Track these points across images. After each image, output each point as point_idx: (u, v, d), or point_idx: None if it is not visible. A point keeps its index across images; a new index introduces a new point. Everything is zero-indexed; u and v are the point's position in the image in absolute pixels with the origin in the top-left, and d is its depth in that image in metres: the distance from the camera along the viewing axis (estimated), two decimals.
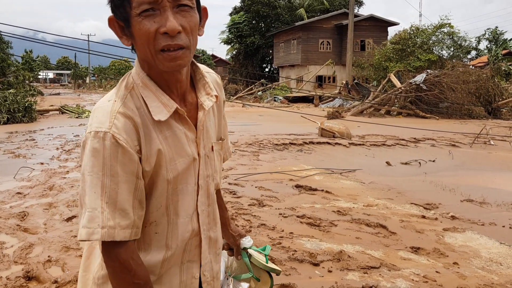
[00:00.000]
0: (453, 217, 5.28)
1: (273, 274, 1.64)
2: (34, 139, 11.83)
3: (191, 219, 1.27)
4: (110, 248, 1.14)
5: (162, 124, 1.19)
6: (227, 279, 1.63)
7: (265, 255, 1.66)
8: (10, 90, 17.68)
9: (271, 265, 1.64)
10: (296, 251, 4.03)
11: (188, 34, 1.15)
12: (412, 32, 30.56)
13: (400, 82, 22.91)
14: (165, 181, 1.19)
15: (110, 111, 1.15)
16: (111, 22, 1.20)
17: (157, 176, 1.19)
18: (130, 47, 1.23)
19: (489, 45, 46.86)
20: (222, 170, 1.55)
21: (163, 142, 1.19)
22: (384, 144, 11.40)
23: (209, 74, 1.37)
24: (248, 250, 1.65)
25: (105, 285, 1.25)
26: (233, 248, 1.67)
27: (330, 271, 3.65)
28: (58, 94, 42.58)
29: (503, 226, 5.00)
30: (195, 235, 1.29)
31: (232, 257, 1.69)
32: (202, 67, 1.37)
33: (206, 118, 1.30)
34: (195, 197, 1.27)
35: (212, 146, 1.33)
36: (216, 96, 1.31)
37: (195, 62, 1.32)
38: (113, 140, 1.11)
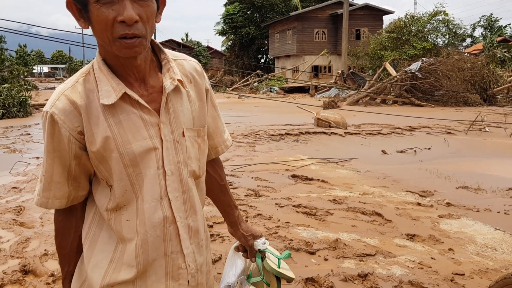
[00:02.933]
0: (448, 204, 5.31)
1: (283, 281, 1.56)
2: (29, 134, 11.79)
3: (160, 204, 1.25)
4: (55, 213, 1.34)
5: (114, 108, 1.21)
6: (241, 282, 1.59)
7: (279, 259, 1.58)
8: (5, 85, 17.55)
9: (282, 270, 1.55)
10: (292, 240, 4.05)
11: (144, 23, 1.17)
12: (407, 21, 30.53)
13: (396, 71, 22.91)
14: (121, 165, 1.21)
15: (58, 92, 1.24)
16: (69, 4, 1.20)
17: (110, 160, 1.22)
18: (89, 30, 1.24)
19: (484, 32, 46.87)
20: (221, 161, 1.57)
21: (114, 126, 1.20)
22: (379, 133, 11.42)
23: (187, 62, 1.37)
24: (266, 252, 1.57)
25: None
26: (247, 249, 1.61)
27: (326, 259, 3.67)
28: (53, 88, 42.38)
29: (498, 212, 5.03)
30: (170, 223, 1.27)
31: (249, 259, 1.62)
32: (180, 55, 1.37)
33: (175, 103, 1.29)
34: (161, 182, 1.25)
35: (184, 132, 1.31)
36: (179, 81, 1.29)
37: (161, 47, 1.33)
38: (51, 119, 1.20)
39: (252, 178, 6.63)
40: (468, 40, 45.43)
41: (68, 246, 1.32)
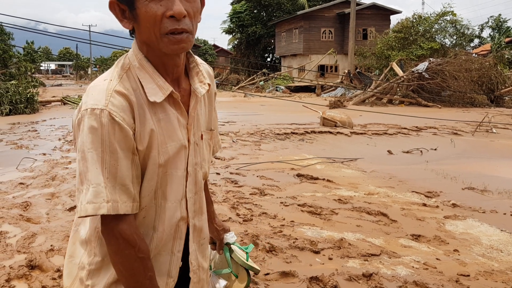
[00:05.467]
0: (454, 205, 5.29)
1: (251, 273, 1.64)
2: (36, 130, 11.85)
3: (180, 205, 1.28)
4: (113, 224, 1.15)
5: (156, 106, 1.20)
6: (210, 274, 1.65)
7: (246, 253, 1.66)
8: (12, 82, 17.66)
9: (250, 263, 1.64)
10: (297, 239, 4.05)
11: (191, 19, 1.18)
12: (414, 20, 30.41)
13: (403, 71, 22.83)
14: (156, 164, 1.20)
15: (106, 89, 1.16)
16: (112, 5, 1.20)
17: (149, 158, 1.19)
18: (129, 30, 1.24)
19: (492, 33, 46.55)
20: (212, 162, 1.55)
21: (156, 124, 1.20)
22: (385, 133, 11.39)
23: (202, 65, 1.39)
24: (231, 246, 1.64)
25: (96, 271, 1.26)
26: (216, 242, 1.67)
27: (330, 259, 3.66)
28: (60, 85, 42.58)
29: (504, 214, 5.00)
30: (184, 222, 1.30)
31: (214, 251, 1.69)
32: (196, 57, 1.38)
33: (198, 106, 1.31)
34: (184, 183, 1.28)
35: (202, 135, 1.33)
36: (209, 85, 1.32)
37: (189, 50, 1.33)
38: (110, 117, 1.12)
39: (257, 176, 6.63)
40: (476, 41, 45.21)
41: (147, 248, 1.20)
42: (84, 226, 1.31)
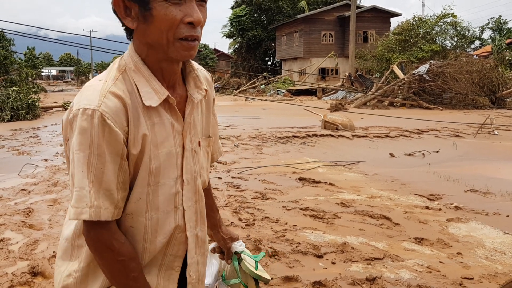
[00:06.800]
0: (457, 208, 5.27)
1: (261, 282, 1.60)
2: (38, 136, 11.86)
3: (174, 214, 1.25)
4: (92, 228, 1.14)
5: (151, 111, 1.18)
6: (216, 282, 1.61)
7: (256, 262, 1.61)
8: (13, 88, 17.72)
9: (260, 272, 1.59)
10: (299, 243, 4.04)
11: (201, 28, 1.18)
12: (415, 23, 30.46)
13: (403, 73, 22.83)
14: (147, 170, 1.18)
15: (101, 89, 1.14)
16: (117, 2, 1.17)
17: (141, 163, 1.17)
18: (126, 31, 1.22)
19: (492, 35, 46.55)
20: (213, 166, 1.53)
21: (149, 128, 1.18)
22: (387, 136, 11.38)
23: (199, 71, 1.37)
24: (242, 255, 1.61)
25: (83, 278, 1.23)
26: (224, 251, 1.63)
27: (333, 263, 3.65)
28: (61, 90, 42.67)
29: (507, 216, 4.99)
30: (180, 231, 1.27)
31: (224, 261, 1.66)
32: (193, 62, 1.37)
33: (194, 112, 1.29)
34: (178, 191, 1.25)
35: (199, 142, 1.31)
36: (206, 90, 1.31)
37: None
38: (101, 118, 1.09)
39: (259, 180, 6.62)
40: (477, 43, 45.23)
41: (129, 250, 1.18)
42: (68, 232, 1.28)
